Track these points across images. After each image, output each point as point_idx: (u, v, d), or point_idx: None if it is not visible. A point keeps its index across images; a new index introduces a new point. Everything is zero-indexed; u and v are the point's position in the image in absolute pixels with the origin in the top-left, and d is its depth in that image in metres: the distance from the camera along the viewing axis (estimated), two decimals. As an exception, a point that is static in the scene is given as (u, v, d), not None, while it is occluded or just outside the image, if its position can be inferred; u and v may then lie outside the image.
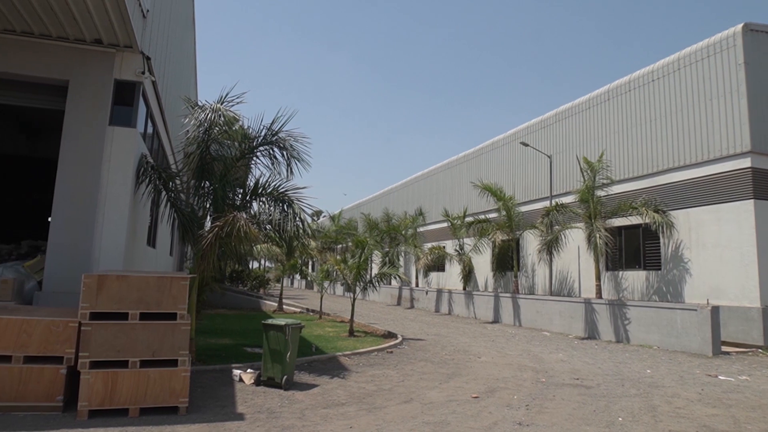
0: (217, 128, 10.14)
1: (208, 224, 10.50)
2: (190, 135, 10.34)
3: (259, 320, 17.47)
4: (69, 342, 6.49)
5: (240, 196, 10.79)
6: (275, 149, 10.58)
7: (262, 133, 10.63)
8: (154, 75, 10.67)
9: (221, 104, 10.22)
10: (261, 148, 10.62)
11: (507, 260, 24.65)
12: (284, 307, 23.00)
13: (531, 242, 23.18)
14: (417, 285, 32.14)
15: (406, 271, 34.25)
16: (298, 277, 33.38)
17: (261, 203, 10.52)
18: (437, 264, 30.11)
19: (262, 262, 36.75)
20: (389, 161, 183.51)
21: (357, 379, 9.25)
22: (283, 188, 10.44)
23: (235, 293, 24.70)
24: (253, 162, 10.87)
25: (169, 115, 15.05)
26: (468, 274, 26.89)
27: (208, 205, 10.54)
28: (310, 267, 42.06)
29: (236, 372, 8.76)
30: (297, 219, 10.08)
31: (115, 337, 6.48)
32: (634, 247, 18.73)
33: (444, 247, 29.78)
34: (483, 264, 26.88)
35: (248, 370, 8.74)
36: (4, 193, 25.74)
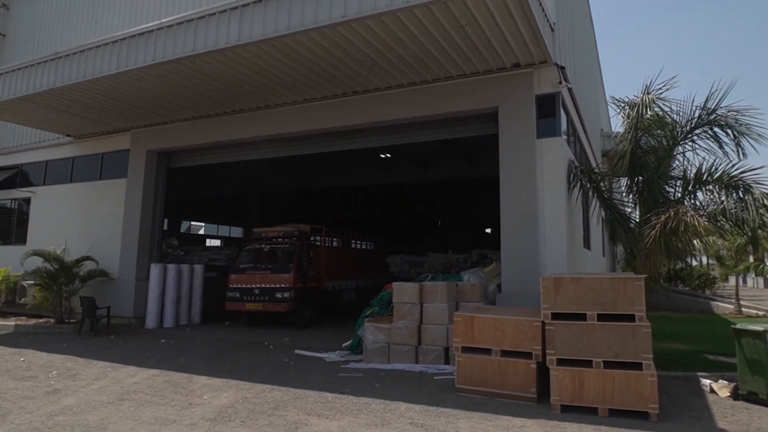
0: (646, 120, 9.55)
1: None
2: (618, 132, 10.07)
3: (713, 324, 15.46)
4: (535, 339, 7.08)
5: (679, 187, 9.80)
6: (715, 129, 9.21)
7: (696, 114, 9.45)
8: (569, 82, 10.91)
9: (648, 94, 9.59)
10: (697, 131, 9.42)
11: None
12: (743, 309, 19.68)
13: None
14: None
15: None
16: (752, 274, 28.04)
17: (707, 192, 9.29)
18: None
19: (703, 259, 32.43)
20: None
21: None
22: (736, 170, 8.96)
23: (676, 293, 22.63)
24: (688, 147, 9.72)
25: (585, 116, 15.12)
26: None
27: (641, 201, 9.97)
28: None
29: (705, 381, 7.84)
30: (760, 206, 8.45)
31: (576, 337, 6.72)
32: None
33: None
34: None
35: (720, 381, 7.70)
36: (453, 212, 30.91)
